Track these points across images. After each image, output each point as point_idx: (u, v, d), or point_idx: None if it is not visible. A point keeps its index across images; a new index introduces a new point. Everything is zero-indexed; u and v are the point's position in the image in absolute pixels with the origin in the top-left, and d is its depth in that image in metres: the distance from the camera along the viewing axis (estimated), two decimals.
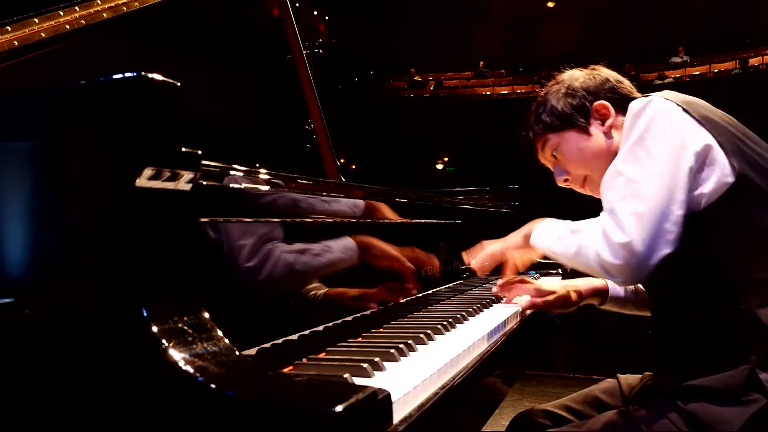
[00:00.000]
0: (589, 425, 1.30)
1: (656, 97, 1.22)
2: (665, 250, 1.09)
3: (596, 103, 1.40)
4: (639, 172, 1.14)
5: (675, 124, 1.17)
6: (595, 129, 1.40)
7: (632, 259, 1.09)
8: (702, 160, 1.14)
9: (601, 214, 1.18)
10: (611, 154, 1.33)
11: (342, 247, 1.22)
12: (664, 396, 1.21)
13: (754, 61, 12.00)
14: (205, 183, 0.83)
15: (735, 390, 1.09)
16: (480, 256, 1.50)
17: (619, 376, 1.51)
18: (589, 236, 1.18)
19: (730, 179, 1.14)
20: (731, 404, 1.09)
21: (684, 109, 1.19)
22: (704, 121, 1.17)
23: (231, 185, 0.92)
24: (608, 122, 1.39)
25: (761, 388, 1.08)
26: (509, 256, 1.51)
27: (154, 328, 0.65)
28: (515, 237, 1.45)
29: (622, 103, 1.38)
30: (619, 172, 1.17)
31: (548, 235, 1.32)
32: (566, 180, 1.48)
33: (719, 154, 1.15)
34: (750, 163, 1.16)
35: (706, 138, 1.15)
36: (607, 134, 1.39)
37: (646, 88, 1.49)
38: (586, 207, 1.37)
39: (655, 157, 1.14)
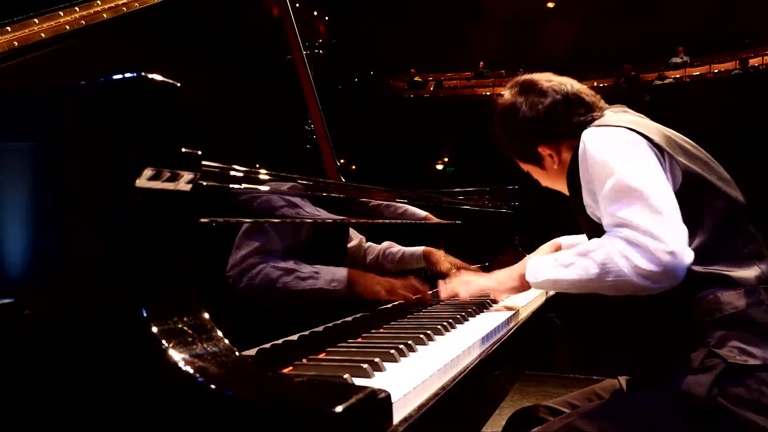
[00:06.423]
0: (584, 409, 1.30)
1: (606, 127, 1.29)
2: (688, 245, 1.14)
3: (540, 147, 1.44)
4: (637, 180, 1.17)
5: (633, 141, 1.25)
6: (548, 164, 1.46)
7: (671, 260, 1.10)
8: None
9: (615, 229, 1.17)
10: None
11: (330, 276, 1.18)
12: (651, 378, 1.30)
13: (754, 61, 11.97)
14: (205, 183, 0.83)
15: (696, 367, 1.16)
16: (472, 291, 1.48)
17: (620, 377, 1.51)
18: (610, 251, 1.15)
19: (679, 175, 1.22)
20: (700, 372, 1.15)
21: (630, 129, 1.25)
22: (645, 134, 1.24)
23: (231, 185, 0.92)
24: (556, 159, 1.43)
25: (719, 357, 1.15)
26: (498, 297, 1.63)
27: (154, 329, 0.65)
28: (509, 280, 1.41)
29: (575, 129, 1.36)
30: (618, 186, 1.18)
31: (549, 267, 1.28)
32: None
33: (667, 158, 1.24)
34: (691, 157, 1.25)
35: (655, 151, 1.24)
36: (561, 165, 1.44)
37: (646, 89, 1.49)
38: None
39: (645, 166, 1.20)
